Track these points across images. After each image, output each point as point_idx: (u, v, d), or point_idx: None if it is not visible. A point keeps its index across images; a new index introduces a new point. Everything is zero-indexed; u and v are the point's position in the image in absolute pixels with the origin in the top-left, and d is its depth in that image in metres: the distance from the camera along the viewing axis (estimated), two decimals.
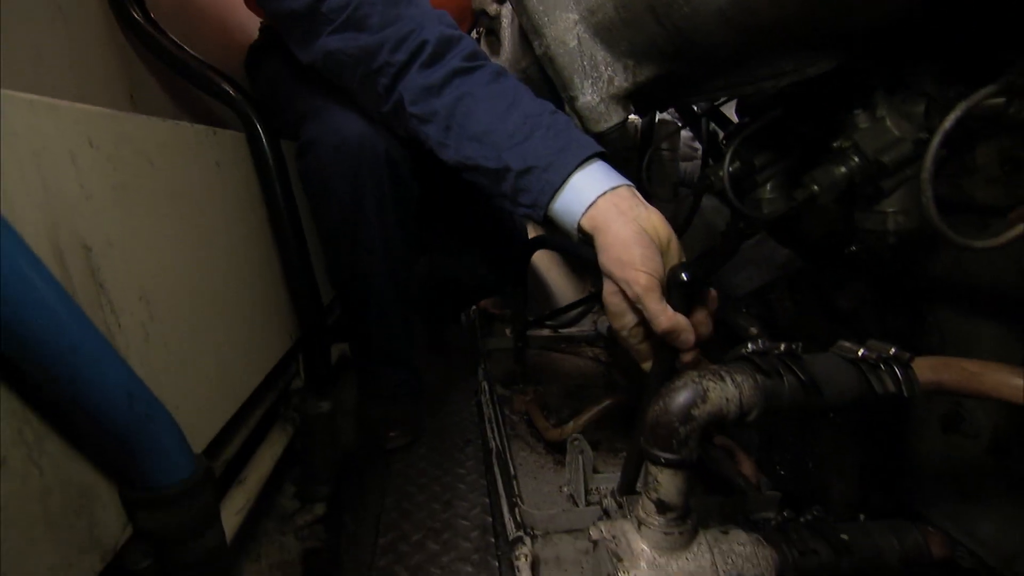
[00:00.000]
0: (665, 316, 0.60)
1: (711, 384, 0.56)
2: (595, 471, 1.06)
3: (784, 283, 1.22)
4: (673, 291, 0.62)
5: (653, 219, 0.65)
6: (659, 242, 0.64)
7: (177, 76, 0.88)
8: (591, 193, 0.66)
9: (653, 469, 0.60)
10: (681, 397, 0.56)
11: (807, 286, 1.19)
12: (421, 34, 0.79)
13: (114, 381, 0.40)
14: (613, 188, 0.66)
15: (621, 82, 0.80)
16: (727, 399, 0.56)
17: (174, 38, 0.86)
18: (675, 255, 0.66)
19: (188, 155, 0.66)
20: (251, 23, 1.28)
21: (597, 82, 0.81)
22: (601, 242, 0.64)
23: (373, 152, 0.94)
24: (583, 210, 0.66)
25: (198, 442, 0.59)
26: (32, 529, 0.37)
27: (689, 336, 0.62)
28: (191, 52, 0.87)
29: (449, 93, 0.77)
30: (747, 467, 1.20)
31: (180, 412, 0.49)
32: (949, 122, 0.50)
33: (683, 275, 0.60)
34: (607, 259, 0.63)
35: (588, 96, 0.82)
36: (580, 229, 0.67)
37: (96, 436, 0.42)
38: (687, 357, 0.64)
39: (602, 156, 0.71)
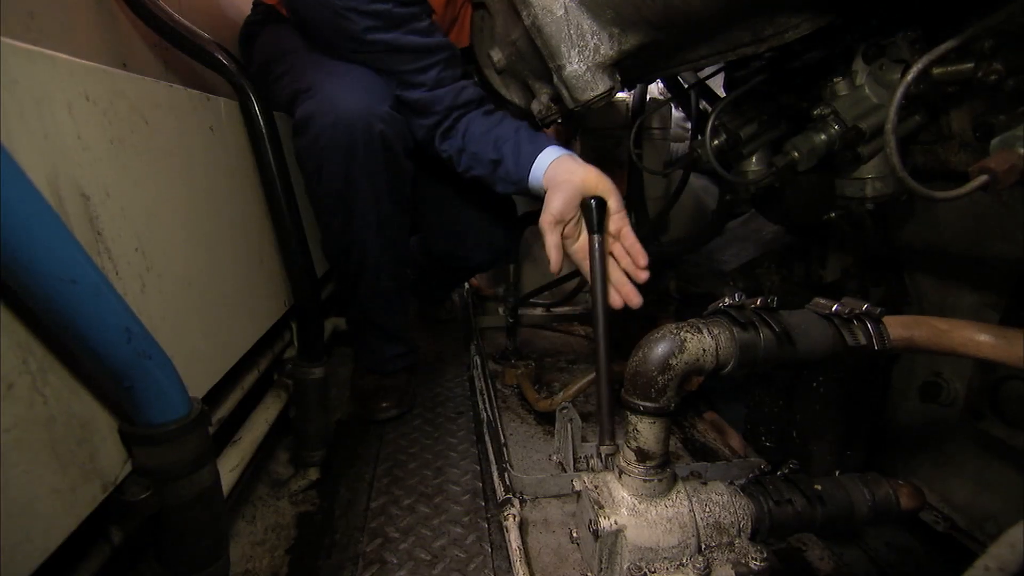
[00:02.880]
0: (549, 240, 0.90)
1: (688, 335, 0.59)
2: (584, 440, 1.09)
3: (771, 258, 1.24)
4: (584, 212, 0.90)
5: (588, 175, 0.90)
6: (586, 189, 0.89)
7: (169, 45, 0.89)
8: (548, 158, 0.95)
9: (633, 418, 0.62)
10: (660, 348, 0.59)
11: (793, 260, 1.22)
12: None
13: (113, 317, 0.42)
14: (559, 156, 0.95)
15: (607, 50, 0.82)
16: (704, 350, 0.59)
17: (165, 7, 0.87)
18: (606, 191, 0.89)
19: (182, 117, 0.68)
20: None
21: (584, 51, 0.83)
22: (548, 194, 0.92)
23: (368, 130, 0.96)
24: (543, 170, 0.94)
25: (193, 394, 0.61)
26: (38, 453, 0.40)
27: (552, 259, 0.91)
28: (183, 21, 0.88)
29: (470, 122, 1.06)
30: (734, 440, 1.23)
31: (176, 361, 0.51)
32: (911, 75, 0.53)
33: (590, 200, 0.88)
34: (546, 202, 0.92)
35: (575, 65, 0.84)
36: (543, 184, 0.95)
37: (96, 371, 0.44)
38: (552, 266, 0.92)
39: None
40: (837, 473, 0.77)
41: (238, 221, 0.81)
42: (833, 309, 0.63)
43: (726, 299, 0.62)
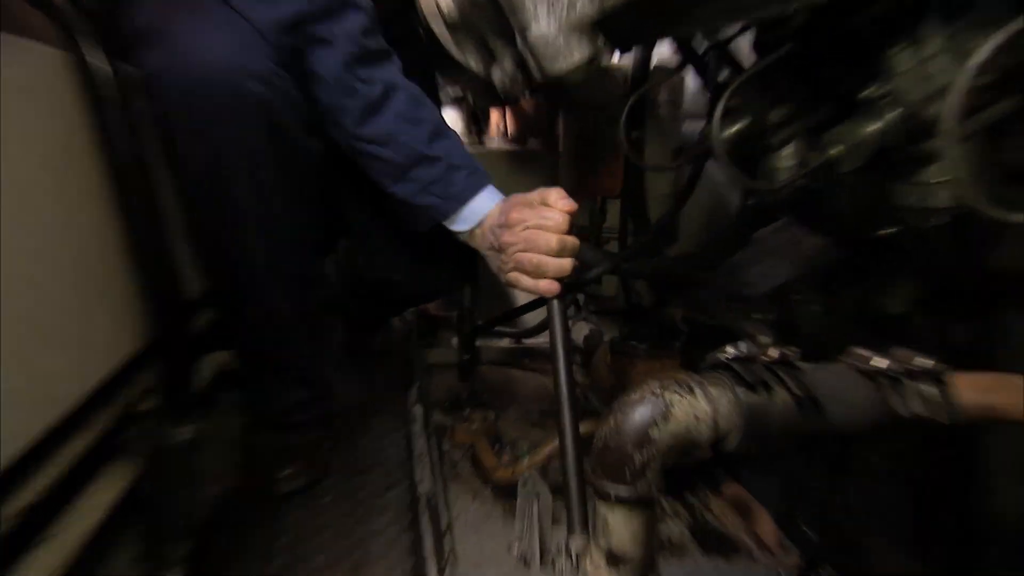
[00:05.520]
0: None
1: (676, 398, 0.56)
2: (555, 522, 1.07)
3: (812, 280, 1.23)
4: None
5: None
6: None
7: None
8: (494, 197, 1.08)
9: (603, 508, 0.60)
10: (637, 414, 0.56)
11: (842, 284, 1.21)
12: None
13: None
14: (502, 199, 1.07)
15: (585, 7, 0.80)
16: (697, 417, 0.56)
17: None
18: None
19: None
20: None
21: (555, 7, 0.82)
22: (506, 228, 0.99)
23: (239, 93, 0.91)
24: (488, 208, 1.06)
25: None
26: None
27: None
28: None
29: (397, 76, 1.07)
30: (763, 524, 1.20)
31: None
32: (986, 49, 0.51)
33: None
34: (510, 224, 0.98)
35: (544, 26, 0.83)
36: (479, 226, 1.07)
37: None
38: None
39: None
40: None
41: (65, 222, 0.77)
42: (878, 364, 0.61)
43: (729, 349, 0.59)
